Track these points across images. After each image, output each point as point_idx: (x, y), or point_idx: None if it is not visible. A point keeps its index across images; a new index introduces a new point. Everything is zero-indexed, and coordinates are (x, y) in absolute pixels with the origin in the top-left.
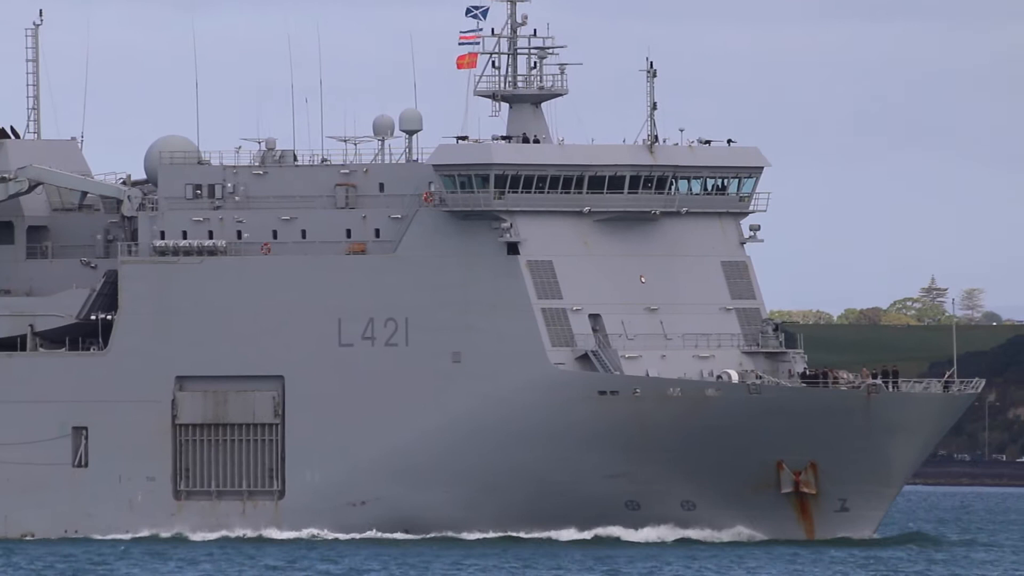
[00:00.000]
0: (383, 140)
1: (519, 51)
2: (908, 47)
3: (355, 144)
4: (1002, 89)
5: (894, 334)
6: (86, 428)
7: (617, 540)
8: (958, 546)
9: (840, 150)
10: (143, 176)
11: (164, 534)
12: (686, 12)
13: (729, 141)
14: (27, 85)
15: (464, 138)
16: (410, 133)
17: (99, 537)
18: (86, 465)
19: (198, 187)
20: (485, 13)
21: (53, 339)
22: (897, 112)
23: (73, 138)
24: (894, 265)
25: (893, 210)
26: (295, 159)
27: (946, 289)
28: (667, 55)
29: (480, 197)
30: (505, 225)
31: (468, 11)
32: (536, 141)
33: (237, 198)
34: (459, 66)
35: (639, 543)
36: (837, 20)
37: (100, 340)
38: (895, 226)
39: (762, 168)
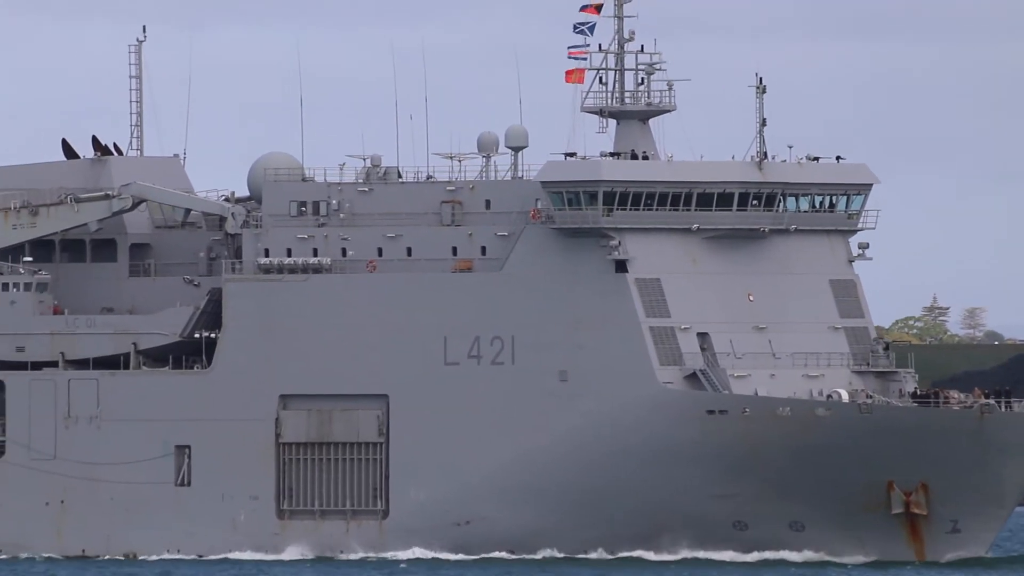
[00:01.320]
0: (488, 157)
1: (626, 67)
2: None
3: (459, 161)
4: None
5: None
6: (189, 447)
7: (722, 561)
8: None
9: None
10: (246, 193)
11: (267, 554)
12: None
13: (838, 158)
14: (130, 102)
15: (572, 155)
16: (516, 150)
17: (202, 556)
18: (189, 484)
19: (303, 204)
20: (592, 29)
21: (156, 357)
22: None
23: (176, 155)
24: (895, 285)
25: (894, 230)
26: (399, 176)
27: (948, 308)
28: (776, 71)
29: (588, 214)
30: (613, 243)
31: (575, 27)
32: (644, 158)
33: (342, 215)
34: (567, 81)
35: (748, 563)
36: (935, 37)
37: (204, 358)
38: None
39: (871, 185)
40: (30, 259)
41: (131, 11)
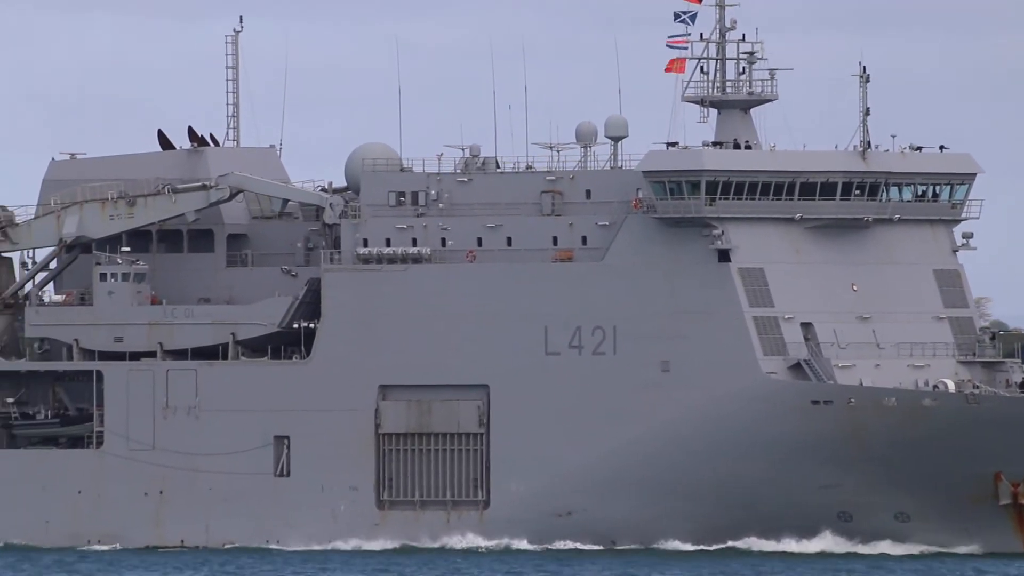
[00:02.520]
0: (587, 147)
1: (728, 56)
2: None
3: (558, 151)
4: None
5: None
6: (288, 437)
7: (827, 553)
8: None
9: None
10: (343, 184)
11: (366, 545)
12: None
13: (941, 147)
14: (227, 92)
15: (674, 144)
16: (615, 139)
17: (301, 548)
18: (288, 475)
19: (401, 194)
20: (693, 18)
21: (254, 348)
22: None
23: (272, 145)
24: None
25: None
26: (497, 166)
27: None
28: (879, 59)
29: (691, 204)
30: (716, 232)
31: (676, 16)
32: (747, 147)
33: (441, 205)
34: (667, 70)
35: (853, 554)
36: None
37: (302, 349)
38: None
39: (975, 175)
40: (127, 249)
41: (228, 2)
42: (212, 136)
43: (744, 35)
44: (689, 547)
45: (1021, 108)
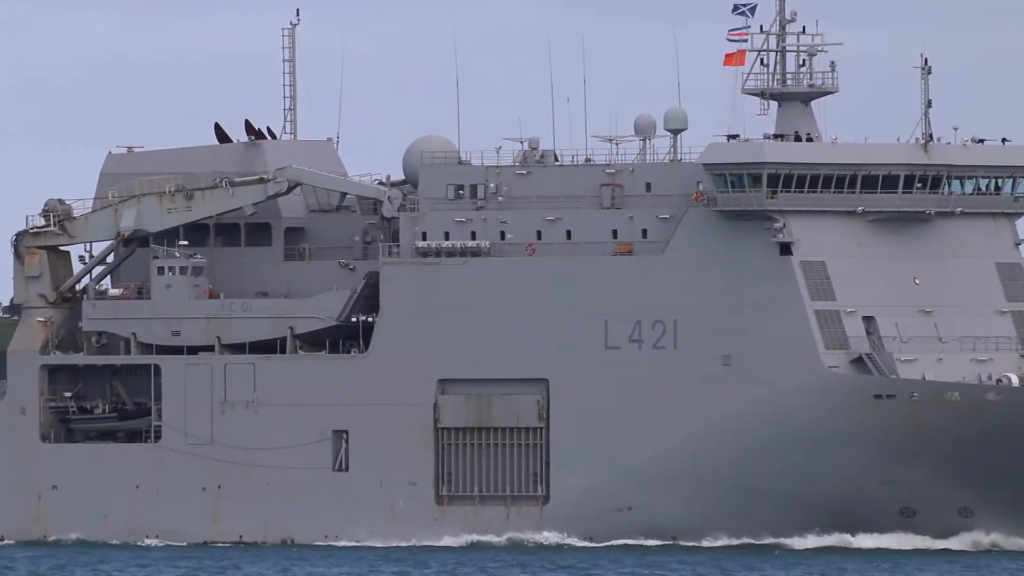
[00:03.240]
0: (646, 139)
1: (788, 48)
2: None
3: (617, 144)
4: None
5: None
6: (347, 432)
7: (890, 549)
8: None
9: None
10: (400, 177)
11: (425, 540)
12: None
13: (1004, 140)
14: (283, 85)
15: (735, 136)
16: (675, 132)
17: (358, 544)
18: (347, 469)
19: (460, 187)
20: (753, 10)
21: (312, 341)
22: None
23: (329, 139)
24: None
25: None
26: (556, 159)
27: None
28: (941, 51)
29: (752, 196)
30: (778, 225)
31: (735, 8)
32: (808, 139)
33: (500, 198)
34: (727, 63)
35: (923, 550)
36: None
37: (360, 342)
38: None
39: None
40: (185, 243)
41: None
42: (269, 129)
43: (804, 27)
44: (752, 542)
45: None
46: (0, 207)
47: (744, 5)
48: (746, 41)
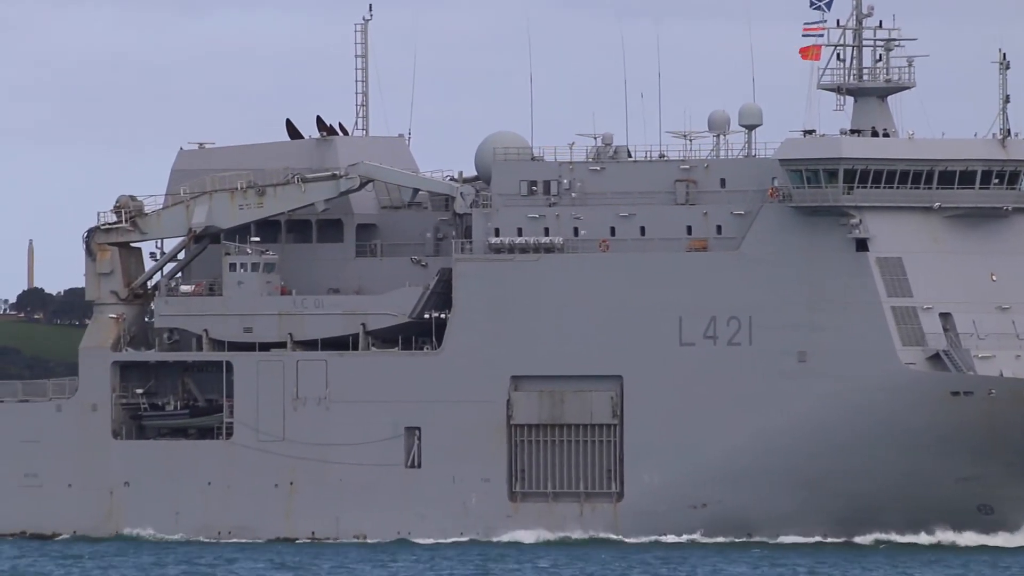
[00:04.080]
0: (719, 135)
1: (864, 43)
2: None
3: (691, 139)
4: None
5: None
6: (419, 428)
7: (967, 546)
8: None
9: None
10: (472, 173)
11: (499, 537)
12: None
13: None
14: (356, 81)
15: (811, 132)
16: (749, 128)
17: (431, 541)
18: (419, 466)
19: (533, 184)
20: (830, 4)
21: (384, 338)
22: None
23: (401, 135)
24: None
25: None
26: (629, 155)
27: None
28: (1019, 46)
29: (828, 192)
30: (854, 221)
31: (812, 3)
32: (884, 135)
33: (573, 195)
34: (803, 57)
35: (1002, 548)
36: None
37: (433, 339)
38: None
39: None
40: (257, 239)
41: None
42: (341, 125)
43: (881, 21)
44: (827, 539)
45: None
46: (72, 204)
47: (821, 0)
48: (822, 36)
